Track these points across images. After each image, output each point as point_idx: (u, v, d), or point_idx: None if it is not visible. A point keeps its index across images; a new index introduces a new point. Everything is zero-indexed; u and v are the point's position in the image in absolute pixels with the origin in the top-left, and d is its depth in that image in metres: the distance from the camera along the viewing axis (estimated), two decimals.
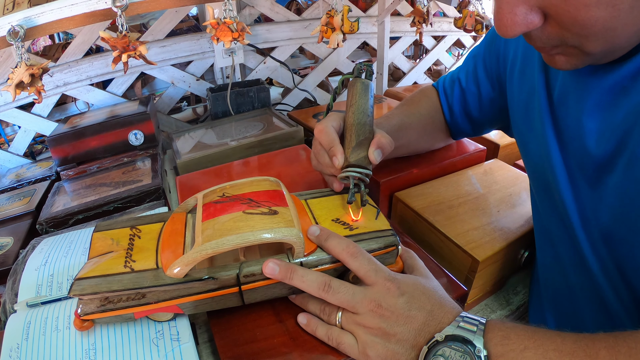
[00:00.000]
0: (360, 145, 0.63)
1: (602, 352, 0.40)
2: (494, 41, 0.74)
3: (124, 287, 0.48)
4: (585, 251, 0.55)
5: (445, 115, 0.86)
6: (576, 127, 0.53)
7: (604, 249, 0.53)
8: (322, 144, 0.66)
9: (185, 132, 1.22)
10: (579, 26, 0.39)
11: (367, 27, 1.60)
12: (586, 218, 0.55)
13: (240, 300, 0.53)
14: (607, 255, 0.53)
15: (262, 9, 1.42)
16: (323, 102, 1.61)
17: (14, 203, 0.96)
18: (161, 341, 0.51)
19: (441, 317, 0.47)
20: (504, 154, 1.02)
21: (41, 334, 0.52)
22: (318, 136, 0.66)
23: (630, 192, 0.47)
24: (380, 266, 0.51)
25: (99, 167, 1.06)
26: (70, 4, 0.90)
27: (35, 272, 0.62)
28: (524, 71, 0.65)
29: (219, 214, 0.52)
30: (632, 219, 0.47)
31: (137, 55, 0.95)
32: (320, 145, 0.66)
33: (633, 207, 0.47)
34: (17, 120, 1.20)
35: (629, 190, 0.47)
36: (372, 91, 0.67)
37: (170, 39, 1.31)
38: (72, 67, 1.20)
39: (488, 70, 0.77)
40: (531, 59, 0.63)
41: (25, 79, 0.87)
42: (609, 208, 0.51)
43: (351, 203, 0.60)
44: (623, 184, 0.48)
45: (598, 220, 0.53)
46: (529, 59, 0.63)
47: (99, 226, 0.58)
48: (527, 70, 0.64)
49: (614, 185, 0.49)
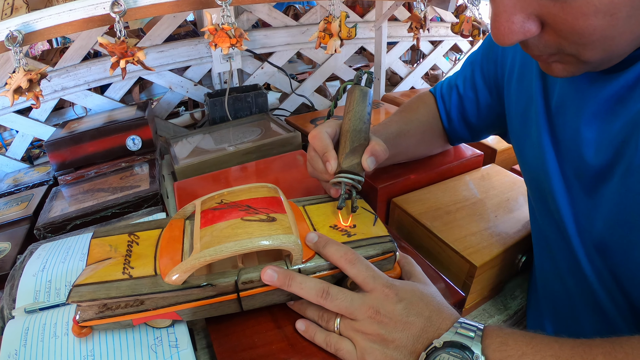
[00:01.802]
0: (354, 151, 0.63)
1: (600, 357, 0.40)
2: (492, 48, 0.75)
3: (122, 293, 0.48)
4: (581, 258, 0.55)
5: (443, 122, 0.87)
6: (573, 136, 0.53)
7: (598, 256, 0.53)
8: (315, 150, 0.66)
9: (183, 138, 1.22)
10: (576, 35, 0.39)
11: (364, 33, 1.60)
12: (581, 226, 0.55)
13: (238, 306, 0.53)
14: (601, 263, 0.53)
15: (260, 15, 1.42)
16: (321, 107, 1.62)
17: (11, 208, 0.95)
18: (159, 347, 0.51)
19: (439, 324, 0.48)
20: (501, 159, 1.03)
21: (39, 340, 0.51)
22: (312, 142, 0.66)
23: (626, 201, 0.47)
24: (378, 272, 0.52)
25: (96, 172, 1.05)
26: (68, 9, 0.90)
27: (33, 277, 0.62)
28: (521, 79, 0.65)
29: (217, 221, 0.52)
30: (627, 228, 0.48)
31: (135, 61, 0.95)
32: (314, 152, 0.67)
33: (628, 216, 0.47)
34: (14, 124, 1.20)
35: (624, 200, 0.47)
36: (370, 98, 0.67)
37: (168, 44, 1.31)
38: (70, 72, 1.20)
39: (486, 76, 0.77)
40: (529, 67, 0.63)
41: (24, 84, 0.87)
42: (604, 216, 0.51)
43: (341, 209, 0.61)
44: (619, 193, 0.48)
45: (592, 229, 0.53)
46: (527, 67, 0.64)
47: (97, 232, 0.58)
48: (525, 78, 0.64)
49: (610, 194, 0.49)
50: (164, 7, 0.99)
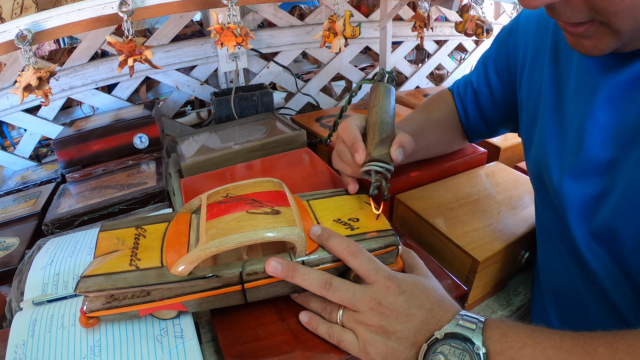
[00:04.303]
0: (382, 142, 0.64)
1: (601, 349, 0.40)
2: (504, 43, 0.75)
3: (129, 284, 0.49)
4: (582, 249, 0.56)
5: (461, 119, 0.88)
6: (584, 122, 0.53)
7: (600, 246, 0.54)
8: (344, 141, 0.67)
9: (189, 136, 1.23)
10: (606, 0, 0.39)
11: (369, 32, 1.61)
12: (582, 216, 0.55)
13: (243, 298, 0.53)
14: (604, 253, 0.54)
15: (266, 15, 1.43)
16: (326, 106, 1.62)
17: (19, 205, 0.97)
18: (165, 338, 0.52)
19: (441, 316, 0.48)
20: (505, 156, 1.03)
21: (47, 331, 0.52)
22: (341, 133, 0.67)
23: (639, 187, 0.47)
24: (380, 265, 0.52)
25: (104, 170, 1.07)
26: (77, 9, 0.92)
27: (41, 271, 0.63)
28: (532, 72, 0.66)
29: (223, 214, 0.53)
30: (638, 215, 0.48)
31: (142, 59, 0.96)
32: (342, 143, 0.67)
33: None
34: (23, 123, 1.21)
35: (638, 186, 0.47)
36: (393, 95, 0.68)
37: (174, 44, 1.32)
38: (77, 71, 1.22)
39: (499, 72, 0.78)
40: (540, 60, 0.63)
41: (33, 82, 0.89)
42: (613, 204, 0.51)
43: (372, 196, 0.61)
44: (632, 179, 0.48)
45: (594, 218, 0.53)
46: (538, 60, 0.64)
47: (105, 226, 0.59)
48: (535, 71, 0.65)
49: (622, 181, 0.50)
50: (171, 7, 1.01)
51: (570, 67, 0.57)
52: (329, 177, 0.86)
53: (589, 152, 0.53)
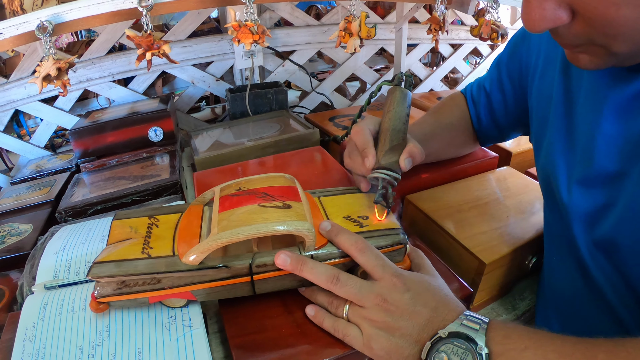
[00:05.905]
0: (392, 150, 0.64)
1: (601, 355, 0.41)
2: (517, 48, 0.75)
3: (140, 271, 0.50)
4: (586, 258, 0.56)
5: (474, 122, 0.88)
6: (591, 133, 0.54)
7: (602, 255, 0.54)
8: (356, 144, 0.67)
9: (203, 131, 1.24)
10: (607, 25, 0.39)
11: (385, 34, 1.62)
12: (585, 224, 0.55)
13: (251, 289, 0.54)
14: (606, 262, 0.54)
15: (283, 13, 1.44)
16: (340, 106, 1.63)
17: (33, 192, 0.98)
18: (173, 326, 0.52)
19: (445, 315, 0.48)
20: (516, 161, 1.03)
21: (57, 314, 0.53)
22: (354, 136, 0.68)
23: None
24: (387, 262, 0.53)
25: (118, 161, 1.08)
26: (97, 2, 0.93)
27: (53, 256, 0.64)
28: (543, 78, 0.66)
29: (235, 206, 0.54)
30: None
31: (160, 53, 0.97)
32: (354, 145, 0.68)
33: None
34: (39, 113, 1.23)
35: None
36: (409, 100, 0.68)
37: (191, 40, 1.33)
38: (95, 64, 1.24)
39: (511, 76, 0.78)
40: (552, 67, 0.63)
41: (52, 72, 0.90)
42: (617, 215, 0.51)
43: (378, 203, 0.62)
44: (636, 192, 0.48)
45: (597, 227, 0.53)
46: (550, 67, 0.64)
47: (119, 214, 0.60)
48: (546, 78, 0.65)
49: (627, 193, 0.50)
50: (189, 3, 1.02)
51: (581, 77, 0.57)
52: (341, 176, 0.86)
53: (598, 163, 0.53)
